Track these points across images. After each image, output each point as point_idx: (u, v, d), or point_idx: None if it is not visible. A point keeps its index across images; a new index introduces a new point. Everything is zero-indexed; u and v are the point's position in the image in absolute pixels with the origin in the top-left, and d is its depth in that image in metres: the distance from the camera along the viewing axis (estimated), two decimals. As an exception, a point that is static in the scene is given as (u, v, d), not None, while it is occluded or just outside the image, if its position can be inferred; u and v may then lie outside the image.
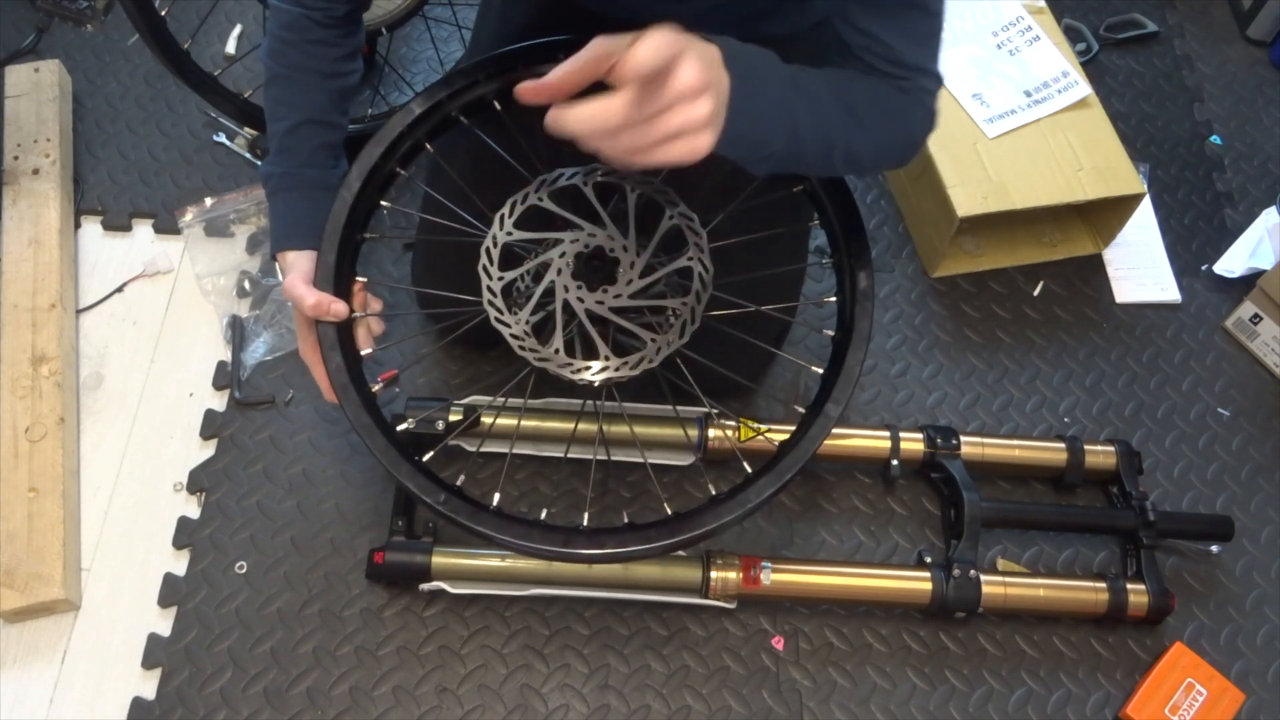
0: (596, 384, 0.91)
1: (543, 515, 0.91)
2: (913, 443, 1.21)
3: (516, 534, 0.87)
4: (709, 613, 1.15)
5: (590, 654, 1.13)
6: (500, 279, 0.92)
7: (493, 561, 1.11)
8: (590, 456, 1.18)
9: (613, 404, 1.15)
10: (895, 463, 1.20)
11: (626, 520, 0.96)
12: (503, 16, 1.14)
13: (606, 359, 0.90)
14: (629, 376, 0.91)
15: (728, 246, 1.00)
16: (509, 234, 0.93)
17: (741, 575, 1.10)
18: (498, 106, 1.01)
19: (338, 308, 0.93)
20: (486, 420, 1.15)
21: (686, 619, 1.15)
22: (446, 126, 1.01)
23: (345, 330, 0.95)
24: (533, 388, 0.99)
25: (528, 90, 0.68)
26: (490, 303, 0.91)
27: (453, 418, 1.15)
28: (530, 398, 1.19)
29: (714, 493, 0.91)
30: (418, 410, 1.15)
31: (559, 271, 0.92)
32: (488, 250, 0.93)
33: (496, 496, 0.91)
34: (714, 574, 1.10)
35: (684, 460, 1.20)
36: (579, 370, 0.90)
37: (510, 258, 0.94)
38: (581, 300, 0.92)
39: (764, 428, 1.18)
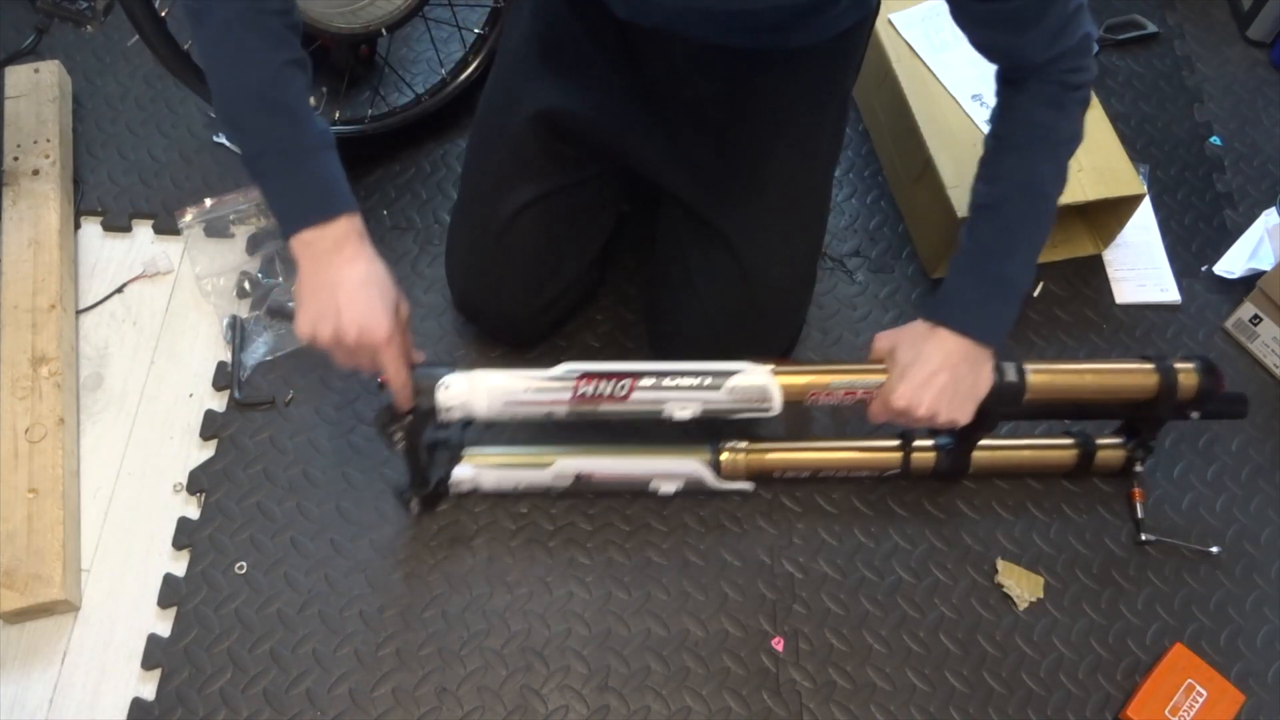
0: None
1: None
2: (924, 453, 1.21)
3: None
4: (709, 613, 1.15)
5: (590, 654, 1.13)
6: None
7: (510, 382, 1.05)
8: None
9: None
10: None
11: None
12: (535, 14, 1.15)
13: None
14: None
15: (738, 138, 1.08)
16: None
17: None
18: None
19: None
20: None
21: (686, 619, 1.15)
22: None
23: None
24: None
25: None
26: None
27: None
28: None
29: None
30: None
31: None
32: None
33: None
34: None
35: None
36: None
37: None
38: None
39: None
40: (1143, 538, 1.23)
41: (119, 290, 1.36)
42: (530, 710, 1.09)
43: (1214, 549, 1.23)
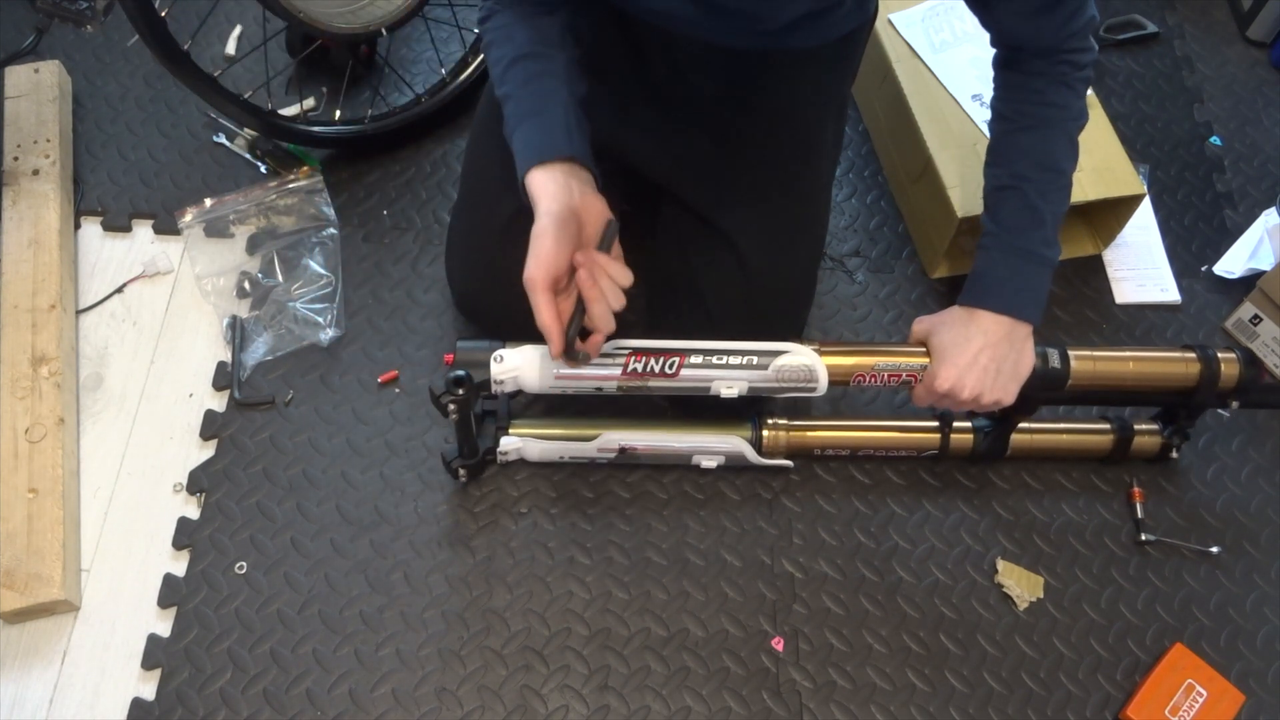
0: None
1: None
2: (963, 434, 1.22)
3: None
4: (709, 612, 1.15)
5: (590, 654, 1.13)
6: None
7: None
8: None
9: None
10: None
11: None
12: None
13: None
14: None
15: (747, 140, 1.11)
16: None
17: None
18: None
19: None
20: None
21: (686, 619, 1.15)
22: None
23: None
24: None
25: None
26: None
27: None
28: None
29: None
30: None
31: None
32: None
33: None
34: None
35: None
36: None
37: None
38: None
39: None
40: (1143, 538, 1.23)
41: (119, 290, 1.36)
42: (530, 710, 1.09)
43: (1214, 549, 1.23)
